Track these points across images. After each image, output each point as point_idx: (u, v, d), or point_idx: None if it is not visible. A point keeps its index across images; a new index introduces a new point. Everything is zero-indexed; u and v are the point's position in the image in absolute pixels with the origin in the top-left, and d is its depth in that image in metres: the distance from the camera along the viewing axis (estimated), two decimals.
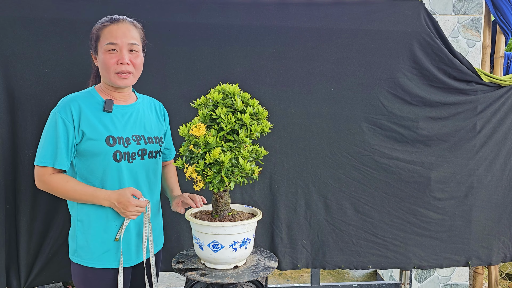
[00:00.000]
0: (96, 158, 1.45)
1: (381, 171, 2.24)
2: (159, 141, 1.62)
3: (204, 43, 2.06)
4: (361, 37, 2.15)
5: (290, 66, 2.13)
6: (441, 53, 2.18)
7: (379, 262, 2.31)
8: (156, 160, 1.61)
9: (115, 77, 1.47)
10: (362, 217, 2.26)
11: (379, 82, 2.19)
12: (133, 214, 1.43)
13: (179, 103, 2.04)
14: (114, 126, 1.49)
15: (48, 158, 1.42)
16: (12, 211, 1.98)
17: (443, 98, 2.24)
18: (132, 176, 1.52)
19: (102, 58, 1.46)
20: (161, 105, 1.74)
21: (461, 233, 2.34)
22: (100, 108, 1.49)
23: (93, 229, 1.49)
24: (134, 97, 1.62)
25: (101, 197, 1.43)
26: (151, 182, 1.60)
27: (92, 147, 1.45)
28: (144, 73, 1.99)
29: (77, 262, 1.51)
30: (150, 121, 1.62)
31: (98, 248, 1.49)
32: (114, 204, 1.42)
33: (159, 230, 1.69)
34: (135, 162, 1.51)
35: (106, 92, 1.54)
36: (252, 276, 1.32)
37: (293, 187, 2.21)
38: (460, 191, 2.32)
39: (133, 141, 1.51)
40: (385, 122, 2.22)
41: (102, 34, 1.47)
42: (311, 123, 2.18)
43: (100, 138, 1.44)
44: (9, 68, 1.93)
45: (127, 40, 1.46)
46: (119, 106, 1.53)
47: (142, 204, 1.44)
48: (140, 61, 1.53)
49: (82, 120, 1.44)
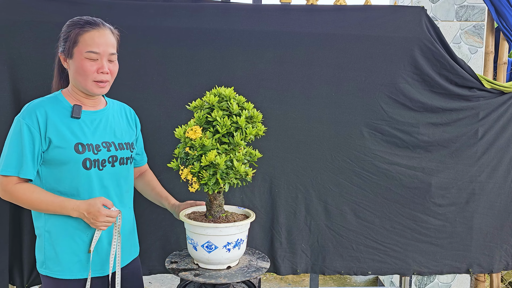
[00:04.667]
0: (65, 166, 1.39)
1: (381, 176, 2.23)
2: (130, 147, 1.57)
3: (205, 47, 2.08)
4: (362, 43, 2.15)
5: (291, 71, 2.14)
6: (442, 59, 2.18)
7: (379, 268, 2.30)
8: (127, 166, 1.56)
9: (93, 85, 1.42)
10: (362, 223, 2.25)
11: (380, 87, 2.19)
12: (103, 224, 1.38)
13: (180, 106, 2.05)
14: (83, 132, 1.43)
15: (12, 167, 1.35)
16: (15, 209, 2.00)
17: (445, 104, 2.24)
18: (102, 184, 1.46)
19: (80, 65, 1.40)
20: (131, 110, 1.68)
21: (462, 240, 2.32)
22: (68, 114, 1.42)
23: (62, 239, 1.42)
24: (103, 102, 1.56)
25: (70, 208, 1.36)
26: (123, 190, 1.54)
27: (60, 155, 1.38)
28: (146, 76, 2.06)
29: (46, 274, 1.44)
30: (121, 127, 1.56)
31: (68, 259, 1.43)
32: (84, 215, 1.36)
33: (133, 239, 1.63)
34: (105, 169, 1.46)
35: (75, 97, 1.47)
36: (244, 276, 1.33)
37: (293, 192, 2.21)
38: (461, 197, 2.30)
39: (103, 148, 1.45)
40: (385, 127, 2.21)
41: (82, 39, 1.40)
42: (312, 127, 2.18)
43: (68, 145, 1.38)
44: (15, 71, 1.97)
45: (108, 50, 1.42)
46: (88, 112, 1.47)
47: (113, 214, 1.39)
48: (117, 69, 1.49)
49: (48, 127, 1.38)
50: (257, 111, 1.40)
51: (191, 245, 1.42)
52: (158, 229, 2.15)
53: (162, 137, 2.08)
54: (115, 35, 1.49)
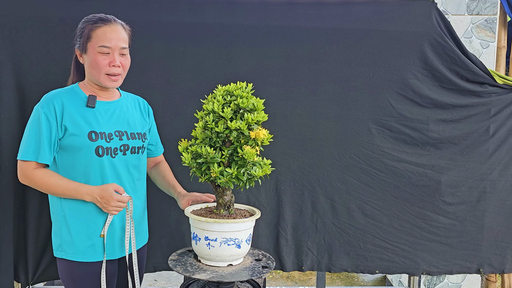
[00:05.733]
0: (79, 153, 1.48)
1: (390, 174, 2.20)
2: (142, 137, 1.64)
3: (210, 42, 2.06)
4: (370, 37, 2.12)
5: (298, 66, 2.12)
6: (453, 54, 2.13)
7: (387, 267, 2.26)
8: (138, 156, 1.63)
9: (105, 78, 1.51)
10: (370, 221, 2.22)
11: (388, 83, 2.15)
12: (114, 209, 1.46)
13: (186, 101, 2.05)
14: (97, 121, 1.51)
15: (31, 152, 1.45)
16: (21, 206, 2.01)
17: (455, 100, 2.19)
18: (114, 171, 1.54)
19: (93, 59, 1.49)
20: (145, 102, 1.76)
21: (473, 239, 2.27)
22: (83, 104, 1.52)
23: (77, 223, 1.51)
24: (118, 94, 1.65)
25: (84, 192, 1.45)
26: (134, 178, 1.62)
27: (74, 142, 1.47)
28: (152, 71, 2.06)
29: (62, 257, 1.54)
30: (134, 118, 1.64)
31: (83, 243, 1.51)
32: (97, 199, 1.45)
33: (144, 226, 1.72)
34: (117, 157, 1.54)
35: (90, 90, 1.57)
36: (252, 275, 1.31)
37: (299, 189, 2.18)
38: (472, 195, 2.26)
39: (115, 137, 1.53)
40: (394, 124, 2.18)
41: (95, 35, 1.49)
42: (318, 124, 2.15)
43: (82, 133, 1.47)
44: (20, 67, 1.96)
45: (119, 44, 1.50)
46: (102, 102, 1.56)
47: (124, 200, 1.47)
48: (129, 63, 1.58)
49: (65, 116, 1.47)
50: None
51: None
52: (164, 226, 2.14)
53: (168, 134, 2.06)
54: (127, 31, 1.57)
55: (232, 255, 1.36)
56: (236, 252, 1.36)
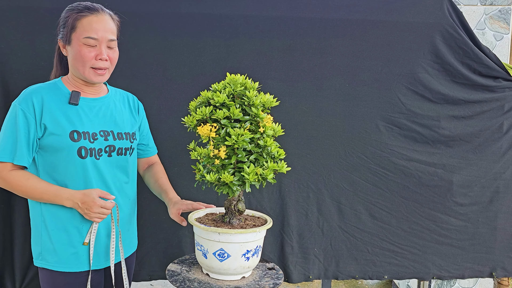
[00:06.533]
0: (59, 154, 1.38)
1: (399, 173, 2.12)
2: (131, 138, 1.55)
3: (209, 34, 1.98)
4: (378, 29, 2.04)
5: (301, 60, 2.04)
6: (465, 47, 2.06)
7: (396, 272, 2.19)
8: (126, 157, 1.53)
9: (90, 72, 1.41)
10: (378, 224, 2.15)
11: (397, 77, 2.08)
12: (97, 216, 1.36)
13: (182, 97, 1.95)
14: (80, 120, 1.42)
15: (7, 153, 1.35)
16: (7, 211, 1.91)
17: (467, 96, 2.12)
18: (99, 174, 1.45)
19: (77, 51, 1.39)
20: (135, 98, 1.66)
21: (485, 242, 2.21)
22: (66, 100, 1.42)
23: (58, 229, 1.42)
24: (105, 90, 1.56)
25: (64, 197, 1.36)
26: (122, 181, 1.53)
27: (54, 142, 1.38)
28: (146, 65, 1.97)
29: (42, 266, 1.44)
30: (122, 116, 1.55)
31: (65, 251, 1.42)
32: (78, 205, 1.35)
33: (131, 232, 1.62)
34: (102, 159, 1.44)
35: (74, 85, 1.47)
36: None
37: (304, 191, 2.10)
38: (485, 196, 2.19)
39: (100, 137, 1.44)
40: (403, 121, 2.10)
41: (80, 24, 1.39)
42: (324, 121, 2.07)
43: (63, 132, 1.38)
44: (3, 61, 1.86)
45: (107, 36, 1.40)
46: (87, 99, 1.46)
47: (108, 206, 1.37)
48: (117, 56, 1.47)
49: (44, 113, 1.37)
50: None
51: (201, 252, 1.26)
52: (159, 231, 2.04)
53: (163, 132, 1.97)
54: (115, 21, 1.48)
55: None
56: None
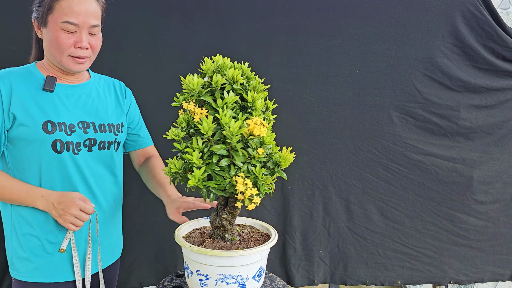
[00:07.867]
0: (31, 147, 1.24)
1: (413, 169, 2.02)
2: (115, 129, 1.40)
3: (202, 15, 1.85)
4: (392, 8, 1.91)
5: (306, 43, 1.91)
6: (489, 28, 1.93)
7: (410, 277, 2.10)
8: (110, 152, 1.39)
9: (69, 60, 1.26)
10: (390, 224, 2.05)
11: (413, 62, 1.95)
12: (72, 219, 1.20)
13: (173, 85, 1.80)
14: (55, 109, 1.27)
15: None
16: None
17: (490, 83, 1.99)
18: (78, 171, 1.30)
19: (54, 36, 1.24)
20: (122, 84, 1.51)
21: (506, 242, 2.13)
22: (40, 87, 1.27)
23: (30, 234, 1.28)
24: (86, 76, 1.41)
25: (38, 195, 1.22)
26: (104, 179, 1.39)
27: (25, 134, 1.23)
28: (132, 51, 1.81)
29: (14, 276, 1.31)
30: (106, 105, 1.40)
31: (39, 259, 1.28)
32: (53, 205, 1.20)
33: (116, 237, 1.49)
34: (81, 154, 1.30)
35: (50, 72, 1.32)
36: None
37: (309, 189, 2.00)
38: (507, 193, 2.10)
39: (78, 129, 1.30)
40: (419, 111, 1.99)
41: (58, 6, 1.23)
42: (331, 112, 1.97)
43: (34, 123, 1.23)
44: None
45: (89, 21, 1.25)
46: (65, 86, 1.32)
47: (88, 209, 1.22)
48: (100, 43, 1.32)
49: (13, 101, 1.23)
50: None
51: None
52: (149, 234, 1.92)
53: (151, 122, 1.79)
54: (100, 3, 1.32)
55: None
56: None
